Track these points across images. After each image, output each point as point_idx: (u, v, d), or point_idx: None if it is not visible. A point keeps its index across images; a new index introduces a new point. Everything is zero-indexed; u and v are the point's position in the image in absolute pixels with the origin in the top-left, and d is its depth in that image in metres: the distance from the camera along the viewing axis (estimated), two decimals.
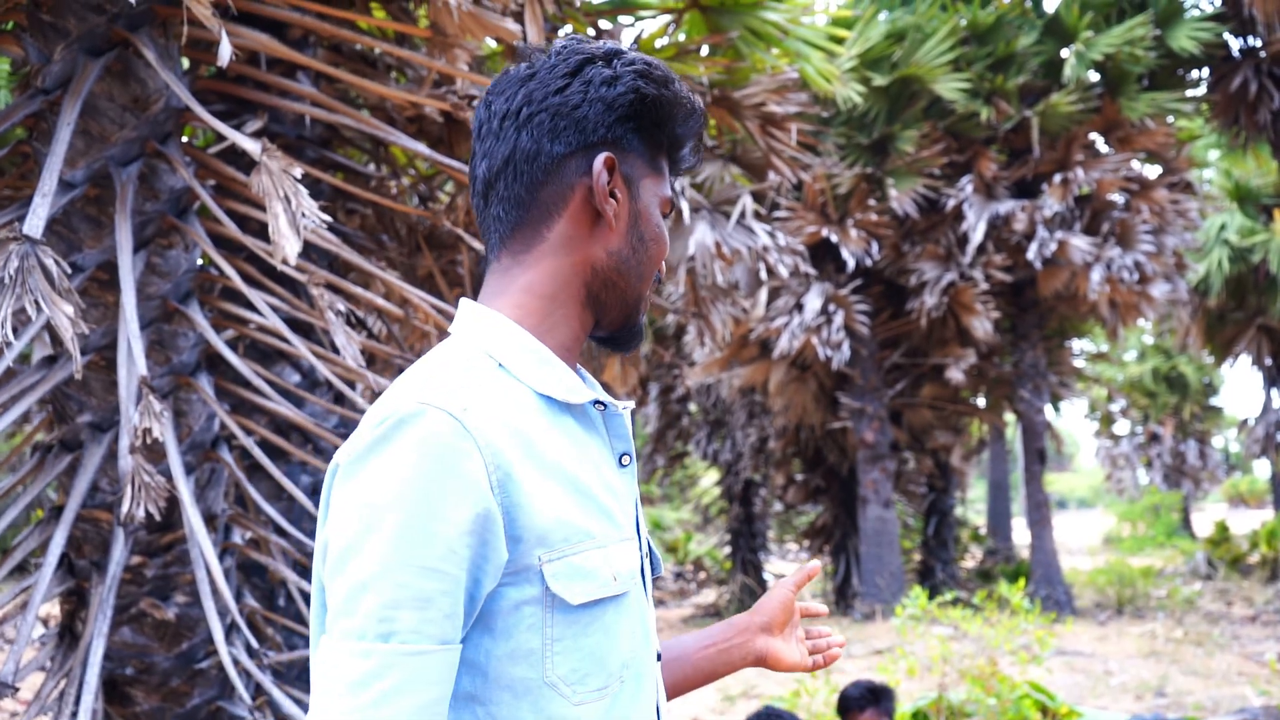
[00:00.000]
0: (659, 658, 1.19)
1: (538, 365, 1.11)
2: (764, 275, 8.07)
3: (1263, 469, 35.69)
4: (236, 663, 3.27)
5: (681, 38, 5.65)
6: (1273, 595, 14.56)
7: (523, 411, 1.06)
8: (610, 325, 1.20)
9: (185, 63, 3.68)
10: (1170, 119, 13.43)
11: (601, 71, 1.13)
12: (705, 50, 5.57)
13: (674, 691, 1.38)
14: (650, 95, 1.14)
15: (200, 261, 3.57)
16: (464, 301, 1.17)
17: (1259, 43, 12.90)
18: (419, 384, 1.03)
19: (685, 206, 6.40)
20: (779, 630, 1.43)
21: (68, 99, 3.00)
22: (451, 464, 0.98)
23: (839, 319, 12.05)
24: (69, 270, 2.76)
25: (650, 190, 1.18)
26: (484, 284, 1.18)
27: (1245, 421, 21.84)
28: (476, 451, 0.99)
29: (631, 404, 1.20)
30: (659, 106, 1.16)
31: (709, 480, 20.23)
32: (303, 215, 2.83)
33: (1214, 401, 28.77)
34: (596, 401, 1.14)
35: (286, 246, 2.79)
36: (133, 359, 2.95)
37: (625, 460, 1.17)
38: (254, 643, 3.31)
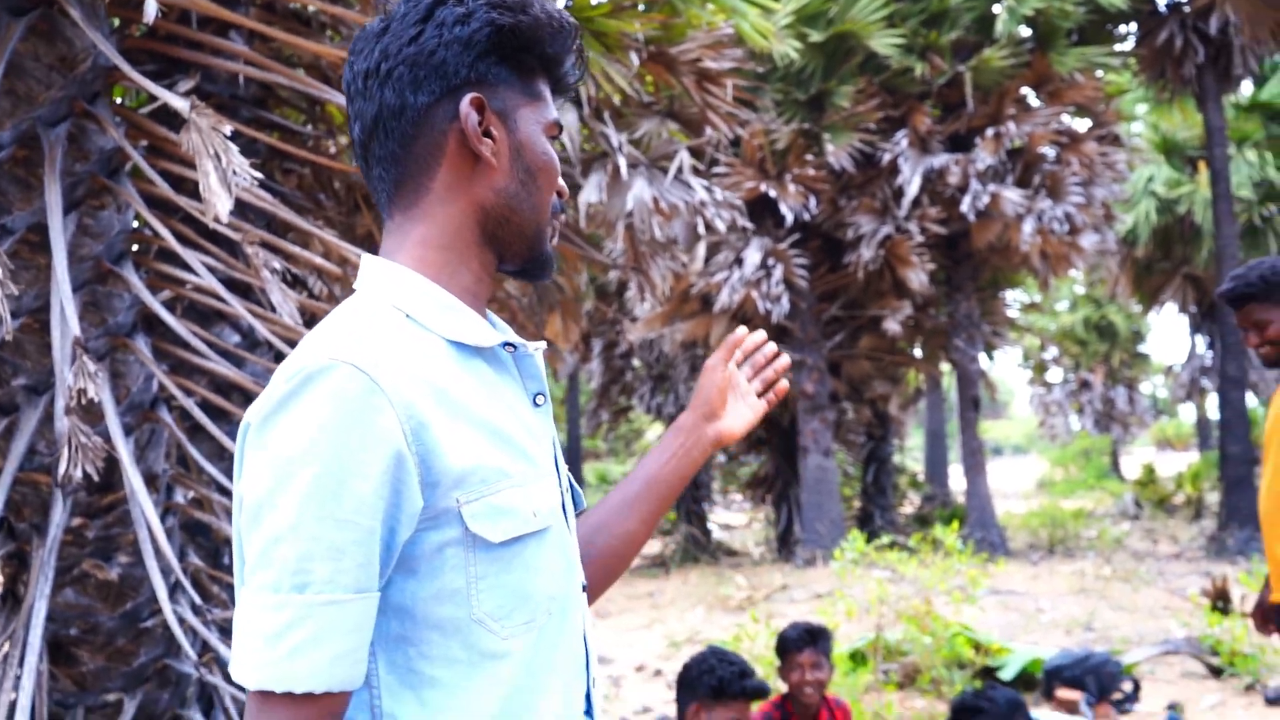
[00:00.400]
0: (584, 589, 1.22)
1: (444, 312, 1.11)
2: (702, 230, 8.12)
3: (1188, 413, 36.79)
4: (182, 621, 3.30)
5: None
6: (1196, 533, 15.12)
7: (433, 360, 1.07)
8: (515, 259, 1.19)
9: (115, 22, 3.62)
10: (1099, 73, 13.67)
11: (453, 11, 1.11)
12: (641, 6, 5.57)
13: (660, 508, 1.41)
14: (507, 24, 1.12)
15: (135, 223, 3.54)
16: (366, 257, 1.16)
17: None
18: (328, 339, 1.03)
19: (623, 162, 6.42)
20: (722, 408, 1.47)
21: None
22: (363, 418, 0.98)
23: (778, 273, 12.17)
24: None
25: (529, 119, 1.16)
26: (381, 244, 1.17)
27: (1171, 368, 22.54)
28: (388, 404, 0.99)
29: (543, 344, 1.20)
30: (518, 33, 1.13)
31: (654, 434, 20.40)
32: (234, 173, 2.82)
33: (1142, 349, 29.52)
34: (507, 343, 1.15)
35: (218, 204, 2.78)
36: (66, 321, 2.94)
37: (540, 400, 1.18)
38: (198, 600, 3.34)
